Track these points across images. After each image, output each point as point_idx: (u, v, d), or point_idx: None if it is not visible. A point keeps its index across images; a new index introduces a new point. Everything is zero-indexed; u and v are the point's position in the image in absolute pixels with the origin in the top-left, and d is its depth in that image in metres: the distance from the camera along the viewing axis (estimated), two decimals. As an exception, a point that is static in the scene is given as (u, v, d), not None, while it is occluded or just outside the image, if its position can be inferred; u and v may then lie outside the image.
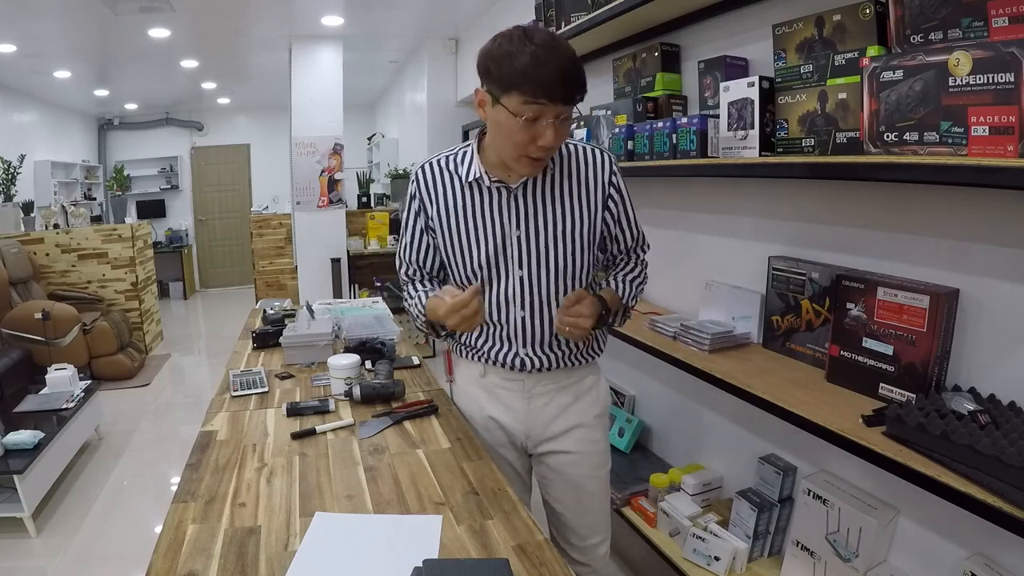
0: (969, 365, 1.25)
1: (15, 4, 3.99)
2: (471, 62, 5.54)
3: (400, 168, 6.38)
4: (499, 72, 1.15)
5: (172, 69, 6.25)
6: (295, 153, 5.27)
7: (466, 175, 1.34)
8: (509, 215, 1.32)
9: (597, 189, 1.33)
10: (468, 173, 1.33)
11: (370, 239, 5.72)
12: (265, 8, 4.48)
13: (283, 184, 7.53)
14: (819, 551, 1.49)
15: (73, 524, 2.82)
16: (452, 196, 1.35)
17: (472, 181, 1.33)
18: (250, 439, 1.46)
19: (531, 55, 1.11)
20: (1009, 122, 0.98)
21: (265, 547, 1.02)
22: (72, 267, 5.16)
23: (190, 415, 4.11)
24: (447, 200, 1.36)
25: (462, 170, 1.35)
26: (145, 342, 5.49)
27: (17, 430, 2.81)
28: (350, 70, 5.70)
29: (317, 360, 2.03)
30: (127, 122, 8.90)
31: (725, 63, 1.72)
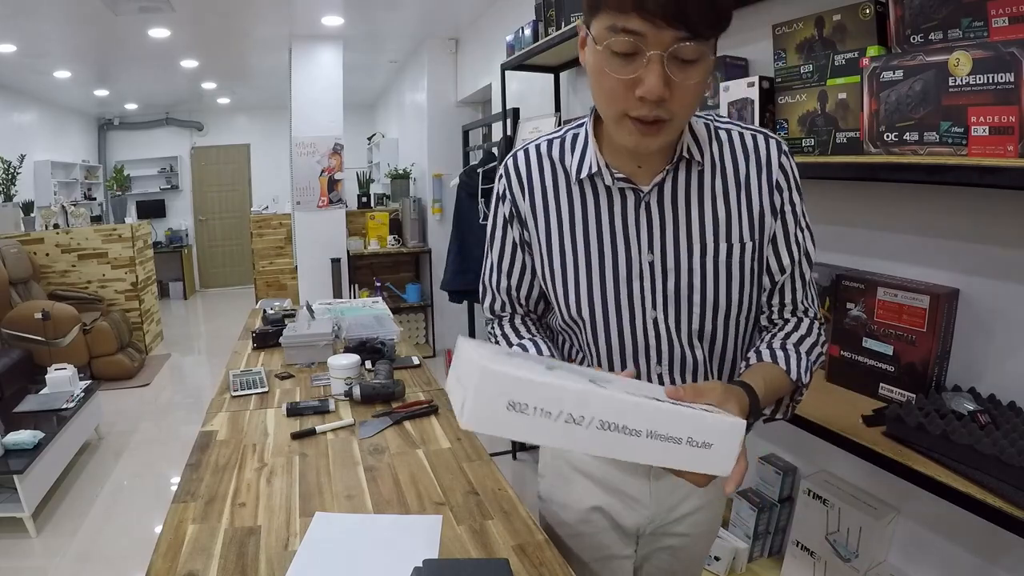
0: (969, 365, 1.25)
1: (15, 4, 3.99)
2: (471, 62, 5.53)
3: (400, 168, 6.38)
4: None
5: (172, 69, 6.25)
6: (295, 153, 5.27)
7: (576, 168, 0.92)
8: (638, 230, 0.91)
9: (761, 191, 0.90)
10: (579, 165, 0.92)
11: (370, 239, 5.72)
12: (265, 8, 4.48)
13: (283, 184, 7.53)
14: (819, 551, 1.49)
15: (73, 524, 2.82)
16: (555, 199, 0.95)
17: (585, 178, 0.92)
18: (250, 439, 1.46)
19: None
20: (1009, 122, 0.98)
21: (265, 547, 1.02)
22: (72, 267, 5.16)
23: (190, 415, 4.11)
24: (547, 204, 0.95)
25: (571, 160, 0.94)
26: (145, 342, 5.49)
27: (17, 430, 2.81)
28: (350, 70, 5.69)
29: (317, 360, 2.03)
30: (127, 122, 8.90)
31: (725, 63, 1.72)
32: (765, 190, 0.90)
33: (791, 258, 0.93)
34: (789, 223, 0.91)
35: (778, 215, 0.91)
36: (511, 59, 2.99)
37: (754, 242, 0.90)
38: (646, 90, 0.73)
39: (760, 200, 0.90)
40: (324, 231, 5.38)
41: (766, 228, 0.91)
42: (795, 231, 0.92)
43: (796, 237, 0.92)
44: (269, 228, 6.86)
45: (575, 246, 0.94)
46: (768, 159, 0.90)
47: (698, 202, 0.90)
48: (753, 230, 0.90)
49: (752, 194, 0.90)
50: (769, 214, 0.90)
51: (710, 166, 0.90)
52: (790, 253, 0.93)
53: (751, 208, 0.90)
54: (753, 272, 0.92)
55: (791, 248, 0.93)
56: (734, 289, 0.91)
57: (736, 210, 0.90)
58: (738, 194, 0.90)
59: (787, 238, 0.92)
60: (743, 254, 0.90)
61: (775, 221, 0.91)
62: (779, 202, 0.90)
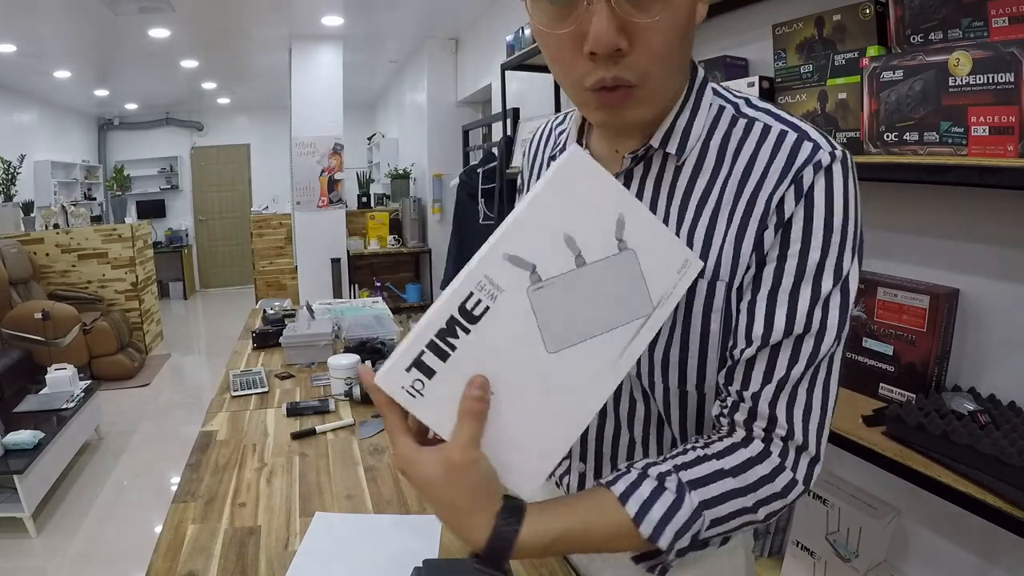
0: (969, 365, 1.25)
1: (15, 4, 3.99)
2: (471, 62, 5.53)
3: (400, 168, 6.38)
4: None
5: (172, 69, 6.25)
6: (295, 153, 5.27)
7: (561, 147, 0.77)
8: None
9: (754, 212, 0.61)
10: (564, 144, 0.75)
11: (370, 239, 5.72)
12: (265, 8, 4.48)
13: (283, 184, 7.53)
14: (819, 551, 1.49)
15: (73, 524, 2.82)
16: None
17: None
18: (250, 439, 1.46)
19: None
20: (1009, 122, 0.98)
21: (265, 547, 1.02)
22: (72, 267, 5.16)
23: (190, 415, 4.11)
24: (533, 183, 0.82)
25: (563, 138, 0.77)
26: (145, 342, 5.49)
27: (17, 430, 2.81)
28: (350, 70, 5.70)
29: (317, 360, 2.03)
30: (127, 122, 8.90)
31: (725, 63, 1.72)
32: (759, 210, 0.59)
33: (768, 328, 0.59)
34: (787, 272, 0.58)
35: (768, 256, 0.59)
36: (511, 59, 2.99)
37: (728, 283, 0.61)
38: (593, 41, 0.53)
39: (749, 224, 0.59)
40: (324, 231, 5.38)
41: (740, 266, 0.60)
42: (795, 288, 0.58)
43: (794, 297, 0.58)
44: (269, 228, 6.86)
45: None
46: (786, 166, 0.58)
47: (665, 208, 0.64)
48: (735, 266, 0.60)
49: (746, 214, 0.60)
50: (751, 250, 0.59)
51: (696, 164, 0.63)
52: (769, 320, 0.59)
53: (740, 234, 0.60)
54: (719, 327, 0.62)
55: (775, 311, 0.59)
56: (691, 340, 0.63)
57: (719, 231, 0.61)
58: (730, 209, 0.61)
59: (774, 293, 0.59)
60: (709, 297, 0.61)
61: (766, 264, 0.59)
62: (774, 236, 0.58)
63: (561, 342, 0.54)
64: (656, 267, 0.56)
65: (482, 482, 0.53)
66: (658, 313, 0.57)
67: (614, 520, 0.56)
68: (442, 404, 0.51)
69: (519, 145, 3.05)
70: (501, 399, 0.53)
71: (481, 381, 0.52)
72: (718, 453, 0.60)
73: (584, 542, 0.57)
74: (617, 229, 0.55)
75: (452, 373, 0.51)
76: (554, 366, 0.53)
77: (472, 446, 0.51)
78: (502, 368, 0.52)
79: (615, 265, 0.55)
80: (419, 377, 0.51)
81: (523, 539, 0.53)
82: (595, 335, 0.55)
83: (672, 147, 0.63)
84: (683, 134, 0.63)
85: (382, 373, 0.51)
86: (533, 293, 0.52)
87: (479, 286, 0.51)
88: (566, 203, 0.54)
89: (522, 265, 0.52)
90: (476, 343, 0.51)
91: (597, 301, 0.54)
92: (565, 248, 0.53)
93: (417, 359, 0.51)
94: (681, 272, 0.58)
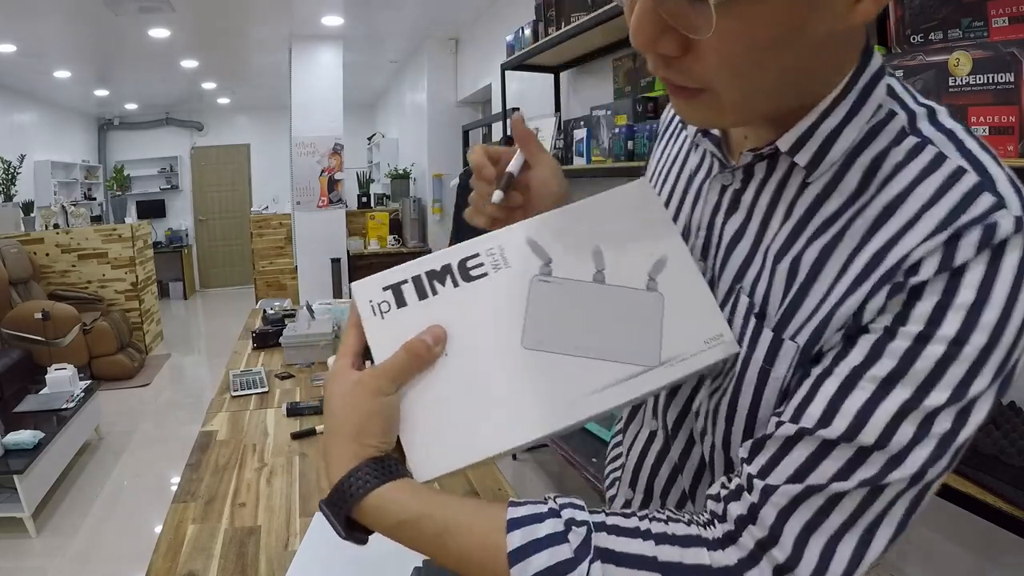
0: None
1: (15, 4, 3.99)
2: (471, 62, 5.53)
3: (400, 168, 6.38)
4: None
5: (172, 69, 6.25)
6: (295, 153, 5.27)
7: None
8: (708, 218, 0.56)
9: (888, 258, 0.42)
10: None
11: (370, 239, 5.73)
12: (265, 8, 4.48)
13: (283, 184, 7.53)
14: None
15: (73, 524, 2.82)
16: (676, 157, 0.64)
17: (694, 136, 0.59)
18: (250, 439, 1.46)
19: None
20: (1009, 122, 0.98)
21: (265, 547, 1.02)
22: (72, 267, 5.16)
23: (190, 415, 4.11)
24: (670, 159, 0.65)
25: None
26: (145, 342, 5.49)
27: (17, 430, 2.81)
28: (350, 70, 5.70)
29: (317, 360, 2.03)
30: (127, 122, 8.90)
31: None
32: (887, 263, 0.42)
33: (828, 416, 0.42)
34: (887, 354, 0.41)
35: (872, 323, 0.42)
36: (511, 59, 2.99)
37: (802, 347, 0.45)
38: (631, 34, 0.42)
39: (869, 277, 0.42)
40: (324, 231, 5.39)
41: (831, 327, 0.44)
42: (887, 381, 0.40)
43: (881, 392, 0.40)
44: (269, 228, 6.86)
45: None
46: (946, 220, 0.41)
47: (778, 227, 0.49)
48: (823, 327, 0.44)
49: (870, 264, 0.43)
50: (854, 309, 0.42)
51: (831, 183, 0.46)
52: (833, 407, 0.42)
53: (852, 287, 0.43)
54: (774, 397, 0.47)
55: (846, 398, 0.41)
56: (741, 399, 0.49)
57: (827, 274, 0.45)
58: (851, 252, 0.44)
59: (857, 375, 0.41)
60: (772, 353, 0.47)
61: (864, 332, 0.42)
62: (887, 299, 0.41)
63: (539, 342, 0.49)
64: (680, 324, 0.49)
65: (376, 418, 0.46)
66: (663, 371, 0.48)
67: (485, 541, 0.44)
68: (394, 336, 0.48)
69: (519, 145, 3.04)
70: (449, 368, 0.48)
71: (440, 333, 0.48)
72: (670, 538, 0.44)
73: (436, 543, 0.45)
74: (654, 267, 0.51)
75: (419, 314, 0.49)
76: (519, 363, 0.48)
77: (389, 380, 0.47)
78: (467, 338, 0.49)
79: (634, 299, 0.50)
80: (389, 300, 0.50)
81: (373, 500, 0.45)
82: (578, 355, 0.48)
83: (803, 158, 0.47)
84: (823, 143, 0.46)
85: (360, 281, 0.51)
86: (536, 283, 0.50)
87: (489, 252, 0.50)
88: (612, 219, 0.51)
89: (540, 254, 0.50)
90: (457, 300, 0.49)
91: (597, 323, 0.49)
92: (589, 258, 0.50)
93: (397, 284, 0.50)
94: (709, 344, 0.49)
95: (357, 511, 0.46)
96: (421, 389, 0.48)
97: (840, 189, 0.46)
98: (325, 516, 0.47)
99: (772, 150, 0.49)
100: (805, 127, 0.47)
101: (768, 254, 0.49)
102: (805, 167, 0.47)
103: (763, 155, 0.50)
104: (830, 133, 0.46)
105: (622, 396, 0.48)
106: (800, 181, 0.48)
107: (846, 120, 0.46)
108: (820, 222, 0.46)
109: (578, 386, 0.48)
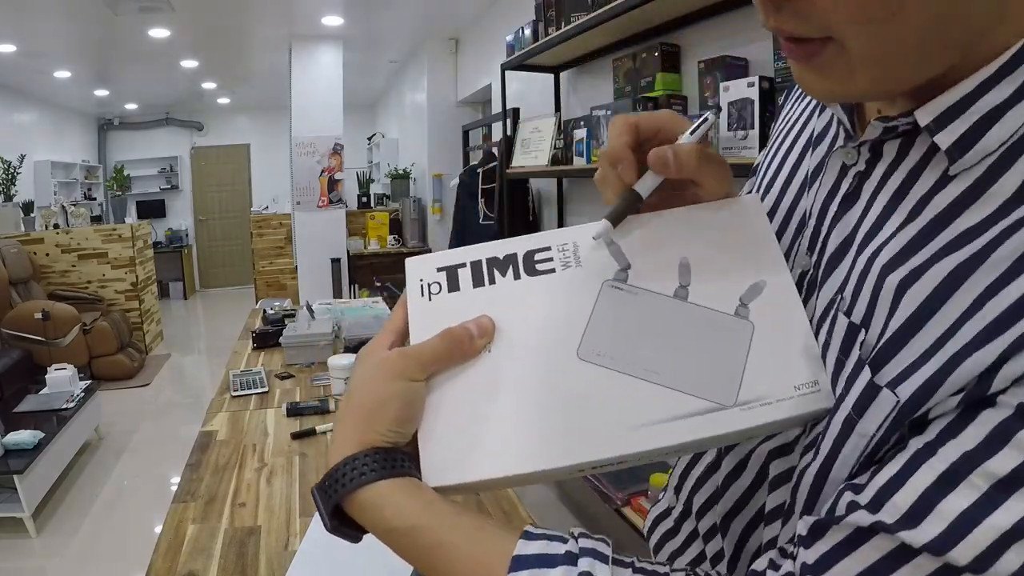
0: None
1: (15, 4, 3.99)
2: (471, 62, 5.52)
3: (400, 168, 6.38)
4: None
5: (172, 69, 6.25)
6: (295, 153, 5.27)
7: None
8: (820, 219, 0.44)
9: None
10: None
11: (370, 239, 5.73)
12: (265, 8, 4.48)
13: (283, 184, 7.53)
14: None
15: (73, 524, 2.82)
16: (799, 120, 0.53)
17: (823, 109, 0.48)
18: (250, 439, 1.46)
19: None
20: (1009, 122, 0.97)
21: (265, 547, 1.02)
22: (72, 267, 5.16)
23: (190, 415, 4.11)
24: (790, 122, 0.54)
25: None
26: (145, 342, 5.49)
27: (17, 430, 2.81)
28: (350, 70, 5.70)
29: (317, 360, 2.03)
30: (127, 122, 8.90)
31: (725, 63, 1.72)
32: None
33: (876, 503, 0.32)
34: (967, 438, 0.30)
35: (990, 392, 0.30)
36: (511, 59, 2.99)
37: (901, 403, 0.33)
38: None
39: (1005, 320, 0.30)
40: (324, 231, 5.39)
41: (944, 385, 0.31)
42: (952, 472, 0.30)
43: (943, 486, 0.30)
44: (269, 228, 6.87)
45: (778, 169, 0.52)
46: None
47: (894, 229, 0.37)
48: (935, 383, 0.32)
49: (1017, 306, 0.29)
50: (980, 369, 0.30)
51: (983, 179, 0.34)
52: (884, 494, 0.32)
53: (984, 335, 0.30)
54: (854, 455, 0.36)
55: (901, 484, 0.32)
56: (823, 444, 0.39)
57: (951, 309, 0.32)
58: (992, 282, 0.31)
59: (922, 456, 0.31)
60: (863, 402, 0.35)
61: (976, 407, 0.30)
62: (1018, 375, 0.29)
63: (597, 354, 0.42)
64: (768, 362, 0.41)
65: (392, 403, 0.41)
66: (737, 415, 0.40)
67: (481, 573, 0.38)
68: (438, 320, 0.44)
69: (519, 145, 3.05)
70: (489, 366, 0.43)
71: (488, 325, 0.43)
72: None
73: (427, 560, 0.41)
74: (748, 292, 0.43)
75: (471, 302, 0.44)
76: (569, 374, 0.42)
77: (419, 364, 0.41)
78: (517, 336, 0.43)
79: (717, 323, 0.43)
80: (442, 282, 0.45)
81: (366, 494, 0.40)
82: (638, 376, 0.41)
83: (945, 140, 0.35)
84: (978, 123, 0.34)
85: (415, 258, 0.47)
86: (608, 288, 0.44)
87: (561, 247, 0.45)
88: (709, 233, 0.45)
89: (618, 257, 0.45)
90: (515, 294, 0.44)
91: (668, 344, 0.42)
92: (674, 271, 0.44)
93: (453, 267, 0.46)
94: (800, 391, 0.40)
95: (348, 503, 0.40)
96: (451, 383, 0.43)
97: (993, 192, 0.33)
98: (315, 503, 0.42)
99: (909, 124, 0.37)
100: (956, 98, 0.34)
101: (877, 261, 0.37)
102: (947, 152, 0.35)
103: (896, 129, 0.38)
104: (990, 112, 0.34)
105: (680, 435, 0.40)
106: (941, 172, 0.36)
107: (1016, 98, 0.33)
108: (958, 232, 0.33)
109: (629, 413, 0.40)
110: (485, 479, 0.41)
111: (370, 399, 0.41)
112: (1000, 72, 0.33)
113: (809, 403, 0.40)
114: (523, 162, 2.96)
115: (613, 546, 0.40)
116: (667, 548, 0.56)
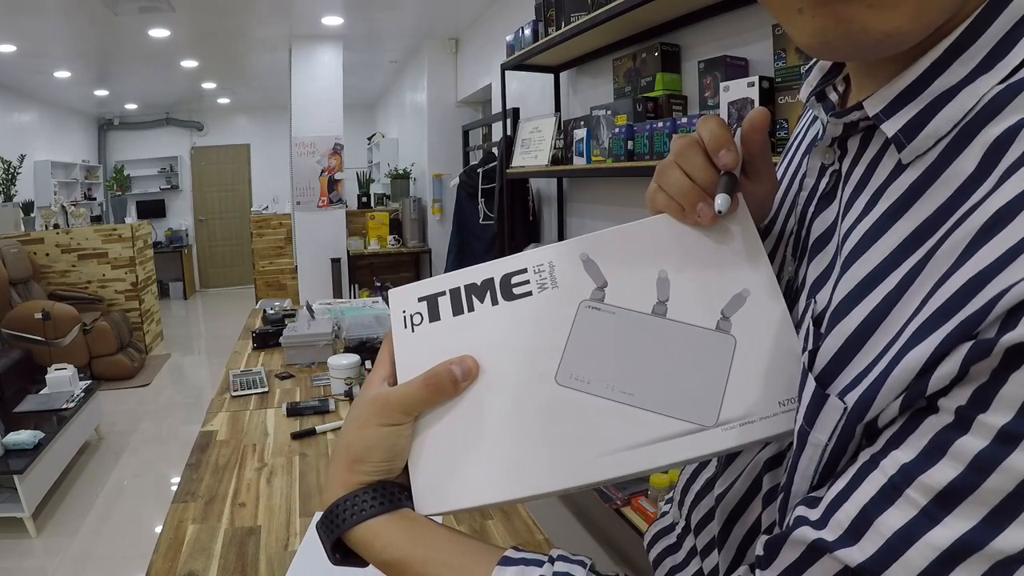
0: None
1: (15, 4, 3.99)
2: (471, 62, 5.53)
3: (400, 168, 6.38)
4: None
5: (172, 69, 6.25)
6: (295, 153, 5.27)
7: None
8: (801, 223, 0.44)
9: (986, 289, 0.26)
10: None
11: (370, 239, 5.73)
12: (265, 8, 4.48)
13: (283, 184, 7.53)
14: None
15: (73, 524, 2.82)
16: (800, 132, 0.54)
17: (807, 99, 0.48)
18: (250, 439, 1.46)
19: None
20: (1009, 122, 0.97)
21: (265, 547, 1.02)
22: (72, 267, 5.16)
23: (190, 415, 4.11)
24: (797, 137, 0.54)
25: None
26: (145, 342, 5.49)
27: (17, 430, 2.81)
28: (350, 70, 5.70)
29: (317, 360, 2.03)
30: (127, 122, 8.90)
31: (725, 63, 1.72)
32: (981, 299, 0.26)
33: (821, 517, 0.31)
34: (910, 444, 0.28)
35: (939, 396, 0.27)
36: (511, 59, 2.99)
37: (849, 410, 0.32)
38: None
39: (954, 316, 0.27)
40: (324, 231, 5.39)
41: (888, 390, 0.29)
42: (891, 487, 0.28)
43: (883, 499, 0.28)
44: (269, 228, 6.87)
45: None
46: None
47: (863, 232, 0.35)
48: (878, 386, 0.30)
49: (960, 295, 0.27)
50: (919, 366, 0.27)
51: (935, 166, 0.32)
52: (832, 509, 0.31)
53: (926, 326, 0.28)
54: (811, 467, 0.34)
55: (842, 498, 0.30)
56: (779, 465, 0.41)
57: (901, 310, 0.30)
58: (940, 277, 0.29)
59: (865, 471, 0.30)
60: (812, 411, 0.34)
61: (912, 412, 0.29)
62: (953, 375, 0.26)
63: (576, 379, 0.42)
64: (752, 379, 0.39)
65: (376, 450, 0.42)
66: (718, 435, 0.39)
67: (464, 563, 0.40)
68: (421, 353, 0.44)
69: (519, 145, 3.05)
70: (471, 394, 0.43)
71: (472, 368, 0.43)
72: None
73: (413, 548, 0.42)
74: (729, 304, 0.41)
75: (452, 332, 0.44)
76: (548, 400, 0.42)
77: (401, 411, 0.42)
78: (497, 364, 0.43)
79: (697, 340, 0.41)
80: (423, 312, 0.45)
81: (360, 532, 0.42)
82: (616, 400, 0.41)
83: (894, 126, 0.33)
84: (934, 102, 0.32)
85: (398, 288, 0.47)
86: (584, 309, 0.43)
87: (537, 268, 0.44)
88: (689, 243, 0.43)
89: (594, 275, 0.43)
90: (493, 320, 0.44)
91: (646, 365, 0.41)
92: (652, 286, 0.42)
93: (434, 296, 0.45)
94: (784, 407, 0.39)
95: (347, 538, 0.42)
96: (436, 415, 0.44)
97: (949, 175, 0.30)
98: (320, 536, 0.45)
99: (862, 115, 0.35)
100: (905, 84, 0.33)
101: (835, 263, 0.35)
102: (893, 139, 0.33)
103: (855, 124, 0.37)
104: (942, 94, 0.32)
105: (659, 459, 0.39)
106: (896, 161, 0.34)
107: (970, 78, 0.31)
108: (915, 225, 0.31)
109: (608, 438, 0.40)
110: (469, 507, 0.43)
111: (359, 444, 0.43)
112: (950, 52, 0.32)
113: (792, 420, 0.38)
114: (523, 162, 2.96)
115: (591, 566, 0.40)
116: (667, 563, 0.56)
